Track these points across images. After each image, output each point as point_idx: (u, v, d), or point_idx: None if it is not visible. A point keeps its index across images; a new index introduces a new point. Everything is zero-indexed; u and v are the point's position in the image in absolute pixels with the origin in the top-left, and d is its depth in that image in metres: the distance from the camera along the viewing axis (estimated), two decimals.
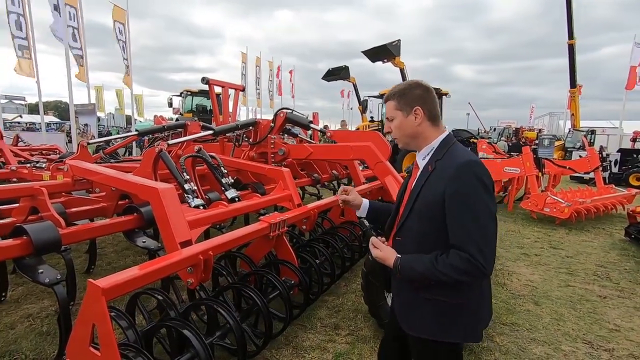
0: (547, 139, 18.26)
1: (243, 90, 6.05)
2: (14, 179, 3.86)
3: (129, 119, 32.76)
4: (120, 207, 3.30)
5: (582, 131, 18.09)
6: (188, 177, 2.99)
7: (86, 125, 14.72)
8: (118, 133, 25.52)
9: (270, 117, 4.74)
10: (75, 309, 3.03)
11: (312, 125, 4.71)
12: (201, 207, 2.89)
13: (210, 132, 4.16)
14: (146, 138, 5.86)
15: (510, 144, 17.77)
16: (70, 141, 15.43)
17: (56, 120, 35.92)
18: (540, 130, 26.30)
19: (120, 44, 16.78)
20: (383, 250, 1.41)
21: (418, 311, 1.40)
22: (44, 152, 10.31)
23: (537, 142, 19.30)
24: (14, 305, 3.13)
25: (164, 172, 3.35)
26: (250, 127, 4.83)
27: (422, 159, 1.43)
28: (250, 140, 4.89)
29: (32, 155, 9.31)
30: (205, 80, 4.78)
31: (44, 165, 3.78)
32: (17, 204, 3.03)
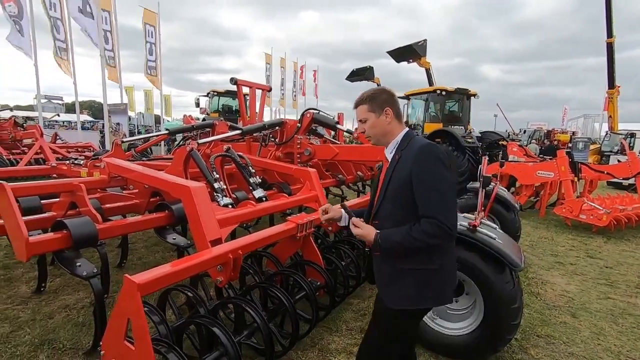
0: (581, 142, 17.43)
1: (270, 90, 6.10)
2: (54, 175, 4.05)
3: (157, 119, 33.91)
4: (152, 204, 3.40)
5: (621, 134, 17.12)
6: (217, 175, 3.03)
7: (118, 124, 15.30)
8: (146, 132, 26.41)
9: (294, 117, 4.75)
10: (108, 302, 3.14)
11: (338, 126, 4.68)
12: (230, 206, 2.93)
13: (239, 131, 4.21)
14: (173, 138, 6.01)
15: (542, 147, 17.05)
16: (103, 139, 16.10)
17: (89, 119, 37.57)
18: (573, 133, 25.11)
19: (149, 45, 17.41)
20: (364, 228, 1.58)
21: (398, 284, 1.58)
22: (79, 149, 10.85)
23: (570, 145, 18.45)
24: (53, 295, 3.27)
25: (193, 170, 3.41)
26: (277, 127, 4.86)
27: (389, 153, 1.64)
28: (277, 140, 4.92)
29: (68, 152, 9.81)
30: (233, 81, 4.85)
31: (82, 162, 3.95)
32: (57, 199, 3.18)
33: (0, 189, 2.16)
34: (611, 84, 17.09)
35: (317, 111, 4.70)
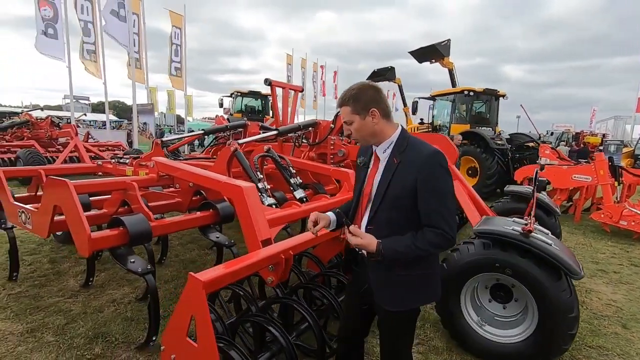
0: (613, 144, 16.76)
1: (302, 91, 6.13)
2: (99, 173, 4.20)
3: (178, 119, 34.58)
4: (194, 203, 3.47)
5: None
6: (262, 176, 3.06)
7: (145, 123, 15.74)
8: (170, 132, 26.99)
9: (315, 117, 4.74)
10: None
11: None
12: (273, 206, 2.95)
13: (275, 132, 4.24)
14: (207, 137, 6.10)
15: (571, 149, 16.47)
16: (130, 138, 16.57)
17: (114, 118, 38.80)
18: (604, 136, 24.16)
19: (174, 47, 17.82)
20: (364, 238, 1.48)
21: (394, 288, 1.56)
22: (109, 147, 11.20)
23: (601, 148, 17.75)
24: (99, 290, 3.38)
25: (235, 170, 3.46)
26: (311, 128, 4.87)
27: (382, 152, 1.57)
28: (310, 140, 4.93)
29: (100, 150, 10.14)
30: (267, 82, 4.89)
31: (127, 161, 4.08)
32: (102, 197, 3.29)
33: (63, 186, 2.24)
34: None
35: None
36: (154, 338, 2.41)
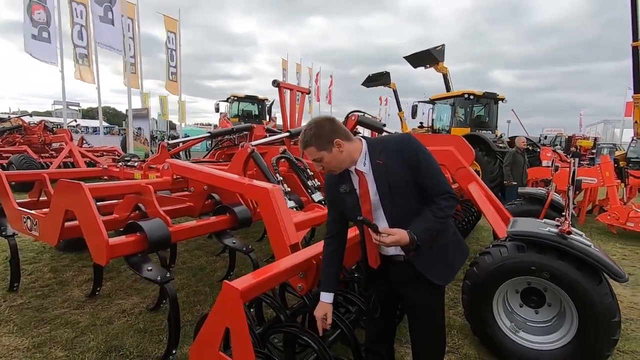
0: (606, 147, 17.03)
1: (309, 93, 6.03)
2: (105, 177, 4.02)
3: (170, 125, 34.12)
4: (207, 207, 3.32)
5: None
6: (280, 178, 2.94)
7: (139, 128, 15.47)
8: (163, 138, 26.63)
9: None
10: (163, 307, 3.05)
11: (385, 129, 4.57)
12: (295, 209, 2.83)
13: (287, 134, 4.13)
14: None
15: (566, 153, 16.67)
16: (123, 143, 16.27)
17: (106, 124, 38.22)
18: (596, 139, 24.55)
19: (170, 52, 17.64)
20: (396, 234, 1.49)
21: (442, 260, 1.64)
22: (104, 152, 10.94)
23: (594, 151, 18.01)
24: (107, 300, 3.20)
25: (249, 172, 3.33)
26: None
27: (363, 165, 1.60)
28: None
29: (96, 155, 9.88)
30: (276, 83, 4.79)
31: (135, 164, 3.91)
32: (110, 201, 3.12)
33: (78, 189, 2.10)
34: (637, 88, 16.61)
35: (362, 113, 4.60)
36: (173, 351, 2.25)
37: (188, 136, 13.14)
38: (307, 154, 1.63)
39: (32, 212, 2.55)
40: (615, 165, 6.39)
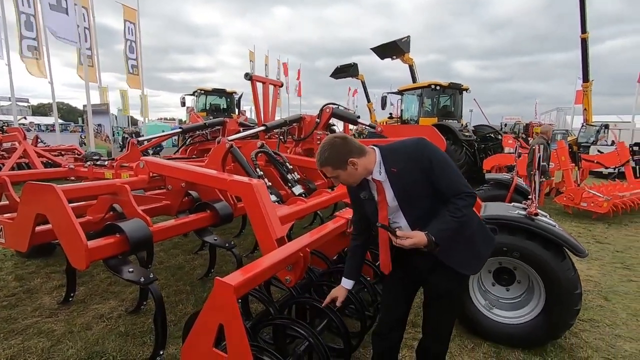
0: (559, 134, 18.19)
1: (282, 86, 5.98)
2: (72, 178, 3.79)
3: (132, 120, 32.49)
4: (184, 205, 3.25)
5: (595, 126, 17.95)
6: (261, 172, 2.92)
7: (100, 125, 14.64)
8: (132, 135, 25.36)
9: (278, 116, 4.64)
10: (145, 309, 2.98)
11: (359, 121, 4.64)
12: (277, 203, 2.83)
13: (263, 128, 4.09)
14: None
15: (524, 138, 17.64)
16: (84, 141, 15.37)
17: (60, 121, 35.76)
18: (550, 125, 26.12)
19: (129, 43, 16.74)
20: (414, 237, 1.55)
21: (468, 251, 1.70)
22: (63, 152, 10.27)
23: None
24: (82, 305, 3.07)
25: (227, 168, 3.28)
26: (295, 124, 4.77)
27: (379, 174, 1.66)
28: (295, 136, 4.82)
29: (54, 155, 9.25)
30: (248, 76, 4.70)
31: (106, 163, 3.72)
32: (85, 202, 2.97)
33: (50, 192, 1.99)
34: (586, 77, 17.81)
35: (337, 106, 4.64)
36: (161, 352, 2.21)
37: (181, 128, 12.57)
38: (324, 171, 1.71)
39: None
40: (570, 150, 6.85)
